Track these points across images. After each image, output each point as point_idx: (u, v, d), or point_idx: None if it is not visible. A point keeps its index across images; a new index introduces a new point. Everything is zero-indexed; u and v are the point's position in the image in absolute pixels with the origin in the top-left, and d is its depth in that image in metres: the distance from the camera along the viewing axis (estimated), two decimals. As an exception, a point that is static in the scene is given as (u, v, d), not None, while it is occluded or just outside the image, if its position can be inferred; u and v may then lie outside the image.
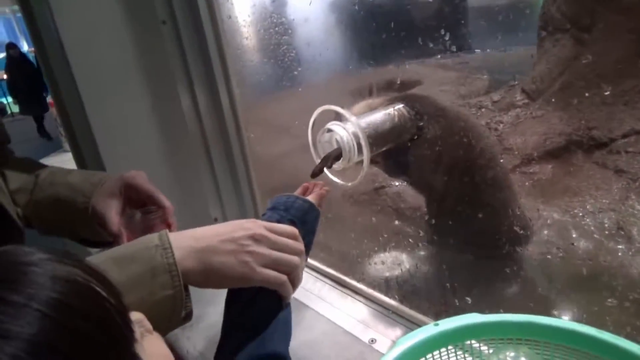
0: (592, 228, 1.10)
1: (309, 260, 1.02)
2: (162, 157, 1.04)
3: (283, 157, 1.04)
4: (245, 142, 1.04)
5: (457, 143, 0.83)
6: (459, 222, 0.73)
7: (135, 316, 0.50)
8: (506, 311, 0.63)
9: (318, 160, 0.86)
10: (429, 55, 0.82)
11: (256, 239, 0.60)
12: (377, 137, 0.82)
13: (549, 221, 1.09)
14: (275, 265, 0.61)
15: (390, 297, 0.83)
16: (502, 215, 0.79)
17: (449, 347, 0.57)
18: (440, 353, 0.57)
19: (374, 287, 0.86)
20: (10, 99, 10.12)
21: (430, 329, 0.57)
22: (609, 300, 0.72)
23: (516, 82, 1.41)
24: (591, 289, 0.78)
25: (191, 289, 0.67)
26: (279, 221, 0.75)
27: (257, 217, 1.12)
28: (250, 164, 1.06)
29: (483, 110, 1.45)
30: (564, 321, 0.53)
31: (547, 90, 1.39)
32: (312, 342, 0.79)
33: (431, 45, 0.77)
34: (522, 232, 0.76)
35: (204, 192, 1.10)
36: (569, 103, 1.33)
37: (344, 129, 0.79)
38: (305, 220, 0.75)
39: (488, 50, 0.96)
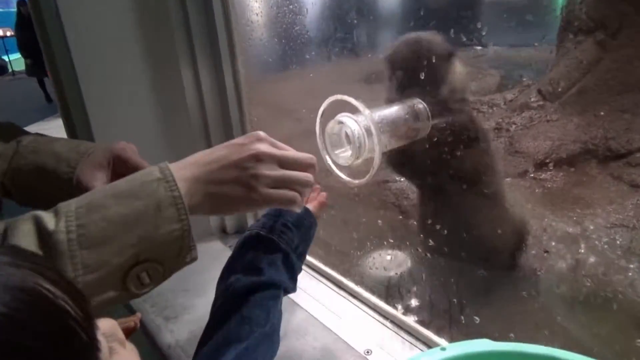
0: (603, 244, 1.06)
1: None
2: (158, 134, 0.98)
3: (286, 143, 0.98)
4: (247, 124, 0.98)
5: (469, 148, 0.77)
6: (461, 231, 0.68)
7: (107, 325, 0.44)
8: (514, 332, 0.59)
9: (325, 153, 0.81)
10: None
11: (260, 158, 0.57)
12: (390, 134, 0.76)
13: (558, 233, 1.05)
14: (285, 184, 0.58)
15: (390, 305, 0.78)
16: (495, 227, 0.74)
17: None
18: None
19: (373, 293, 0.81)
20: (11, 57, 10.01)
21: (437, 353, 0.52)
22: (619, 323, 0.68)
23: (531, 82, 1.36)
24: (602, 310, 0.73)
25: (177, 280, 0.62)
26: (271, 227, 0.71)
27: (254, 216, 1.07)
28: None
29: (495, 109, 1.39)
30: (585, 358, 0.48)
31: (565, 93, 1.34)
32: (302, 349, 0.74)
33: (449, 35, 0.71)
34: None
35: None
36: (587, 109, 1.27)
37: (356, 122, 0.73)
38: (299, 224, 0.71)
39: (502, 46, 0.91)
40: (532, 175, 1.32)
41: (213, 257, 1.02)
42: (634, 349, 0.55)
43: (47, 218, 0.52)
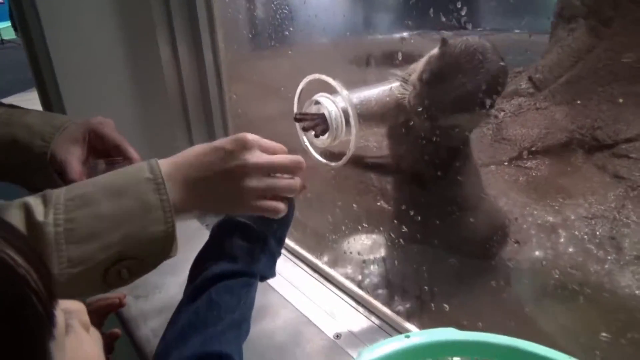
0: (583, 234, 1.05)
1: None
2: (134, 109, 0.96)
3: (265, 121, 0.95)
4: (226, 101, 0.95)
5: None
6: (434, 218, 0.67)
7: (74, 306, 0.43)
8: (482, 322, 0.58)
9: (302, 134, 0.79)
10: (434, 28, 0.75)
11: (247, 171, 0.57)
12: (369, 116, 0.75)
13: (539, 221, 1.04)
14: (272, 193, 0.60)
15: (363, 290, 0.77)
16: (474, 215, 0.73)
17: None
18: None
19: (347, 277, 0.80)
20: (1, 25, 9.78)
21: (400, 340, 0.51)
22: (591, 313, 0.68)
23: (522, 69, 1.34)
24: (570, 302, 0.73)
25: None
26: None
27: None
28: (229, 126, 0.98)
29: None
30: (551, 350, 0.48)
31: (555, 81, 1.32)
32: (272, 331, 0.74)
33: (443, 18, 0.68)
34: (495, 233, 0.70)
35: (178, 151, 1.02)
36: (576, 98, 1.26)
37: (333, 102, 0.71)
38: None
39: (496, 30, 0.89)
40: (517, 162, 1.32)
41: (189, 236, 1.01)
42: (598, 342, 0.55)
43: (37, 207, 0.52)
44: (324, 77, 0.71)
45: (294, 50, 0.80)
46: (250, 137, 0.59)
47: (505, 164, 1.28)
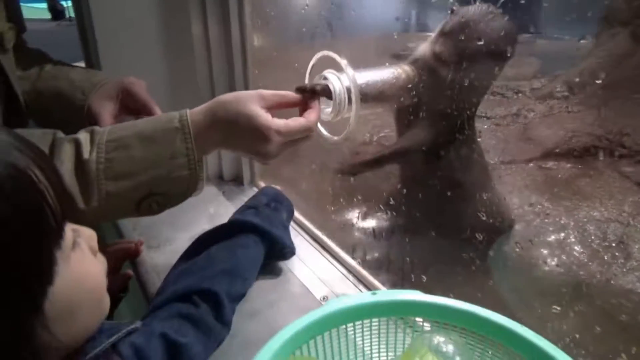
0: (593, 236, 1.05)
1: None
2: (164, 79, 1.03)
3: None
4: (249, 75, 1.01)
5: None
6: (429, 199, 0.70)
7: (87, 232, 0.50)
8: (453, 293, 0.61)
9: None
10: None
11: (269, 157, 0.66)
12: (372, 95, 0.78)
13: (548, 220, 1.05)
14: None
15: (354, 259, 0.81)
16: (470, 201, 0.75)
17: (382, 319, 0.55)
18: (371, 322, 0.55)
19: (342, 246, 0.85)
20: (69, 3, 10.23)
21: (367, 297, 0.55)
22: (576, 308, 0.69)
23: (561, 72, 1.32)
24: (563, 296, 0.74)
25: (166, 215, 0.70)
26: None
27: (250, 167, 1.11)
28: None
29: (520, 95, 1.38)
30: (505, 319, 0.51)
31: (591, 85, 1.30)
32: (266, 288, 0.79)
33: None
34: (493, 222, 0.72)
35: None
36: (608, 103, 1.24)
37: (339, 79, 0.75)
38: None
39: (550, 35, 0.90)
40: (538, 163, 1.31)
41: (205, 200, 1.08)
42: (550, 315, 0.56)
43: (85, 145, 0.61)
44: (331, 54, 0.75)
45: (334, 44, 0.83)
46: (276, 127, 0.64)
47: (527, 163, 1.28)
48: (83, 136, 0.62)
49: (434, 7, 0.73)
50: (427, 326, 0.55)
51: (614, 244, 1.03)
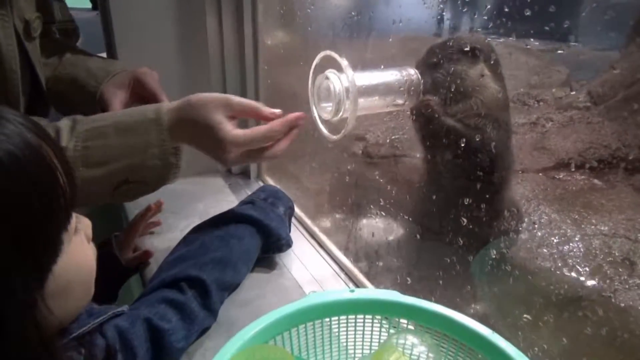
0: (597, 250, 1.03)
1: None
2: (179, 70, 1.06)
3: (289, 90, 1.02)
4: (260, 71, 1.03)
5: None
6: (420, 199, 0.70)
7: (84, 221, 0.53)
8: (434, 296, 0.62)
9: (313, 106, 0.85)
10: (516, 35, 0.75)
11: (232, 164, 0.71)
12: (372, 98, 0.79)
13: (549, 229, 1.03)
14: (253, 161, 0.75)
15: (347, 257, 0.82)
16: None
17: (358, 316, 0.56)
18: (347, 318, 0.57)
19: (336, 244, 0.86)
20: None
21: (345, 293, 0.56)
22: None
23: (586, 82, 1.30)
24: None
25: (171, 203, 0.72)
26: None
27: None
28: (261, 95, 1.06)
29: (541, 104, 1.36)
30: (478, 324, 0.51)
31: (614, 97, 1.28)
32: (257, 280, 0.81)
33: (526, 25, 0.68)
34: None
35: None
36: (630, 116, 1.21)
37: (339, 79, 0.76)
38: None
39: (582, 44, 0.88)
40: (550, 173, 1.29)
41: (212, 191, 1.11)
42: (521, 323, 0.56)
43: (65, 132, 0.65)
44: (333, 54, 0.76)
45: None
46: (235, 141, 0.68)
47: (539, 173, 1.26)
48: (64, 124, 0.65)
49: (432, 11, 0.73)
50: (403, 326, 0.55)
51: (619, 260, 1.01)
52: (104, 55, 1.09)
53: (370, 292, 0.56)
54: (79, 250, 0.50)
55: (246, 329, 0.50)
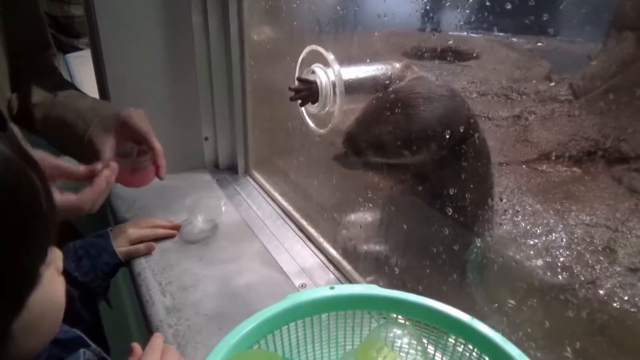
0: (579, 239, 1.05)
1: (279, 197, 1.03)
2: (165, 67, 1.05)
3: (275, 86, 1.02)
4: (246, 66, 1.03)
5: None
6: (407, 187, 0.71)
7: (55, 253, 0.51)
8: (422, 285, 0.63)
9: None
10: (498, 29, 0.75)
11: None
12: (358, 90, 0.80)
13: (533, 219, 1.05)
14: None
15: (335, 249, 0.84)
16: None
17: (340, 312, 0.56)
18: (329, 316, 0.56)
19: (324, 236, 0.87)
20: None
21: (325, 291, 0.56)
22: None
23: (567, 76, 1.32)
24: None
25: (160, 200, 0.71)
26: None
27: (245, 140, 1.13)
28: (247, 90, 1.06)
29: (524, 97, 1.38)
30: (460, 312, 0.52)
31: (594, 90, 1.30)
32: (247, 272, 0.82)
33: (507, 19, 0.68)
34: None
35: (200, 110, 1.12)
36: (609, 108, 1.23)
37: (325, 73, 0.77)
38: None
39: (563, 38, 0.89)
40: (533, 165, 1.32)
41: (199, 186, 1.11)
42: (506, 310, 0.58)
43: None
44: (319, 48, 0.77)
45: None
46: None
47: (522, 165, 1.29)
48: None
49: (416, 5, 0.74)
50: (386, 318, 0.56)
51: (600, 248, 1.04)
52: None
53: (350, 288, 0.56)
54: (51, 283, 0.47)
55: (228, 336, 0.48)
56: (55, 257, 0.49)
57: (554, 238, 1.02)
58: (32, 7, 0.93)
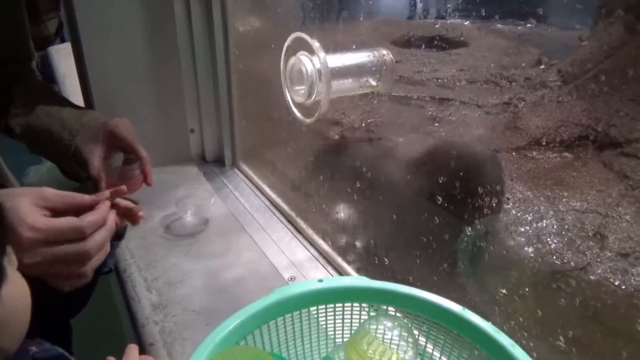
0: (570, 226, 1.05)
1: (267, 190, 1.01)
2: (147, 58, 1.03)
3: (260, 75, 1.00)
4: (230, 56, 1.01)
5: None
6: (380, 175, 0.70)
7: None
8: (412, 275, 0.62)
9: (286, 90, 0.84)
10: (485, 17, 0.74)
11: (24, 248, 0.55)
12: (345, 78, 0.78)
13: (524, 206, 1.05)
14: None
15: (325, 242, 0.82)
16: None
17: (329, 305, 0.55)
18: (317, 309, 0.56)
19: (314, 228, 0.86)
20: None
21: (313, 284, 0.55)
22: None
23: (557, 62, 1.32)
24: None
25: (146, 194, 0.67)
26: None
27: (232, 132, 1.11)
28: (233, 80, 1.04)
29: (513, 84, 1.37)
30: (451, 302, 0.51)
31: (583, 75, 1.29)
32: (235, 265, 0.81)
33: (496, 5, 0.67)
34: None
35: (185, 102, 1.09)
36: (598, 94, 1.23)
37: (311, 61, 0.75)
38: None
39: (552, 24, 0.88)
40: (523, 152, 1.31)
41: (186, 179, 1.09)
42: (496, 300, 0.57)
43: None
44: (304, 36, 0.75)
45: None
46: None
47: (512, 152, 1.28)
48: None
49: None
50: (376, 310, 0.55)
51: (590, 234, 1.04)
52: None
53: (339, 280, 0.55)
54: (15, 276, 0.47)
55: (212, 334, 0.47)
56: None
57: (544, 225, 1.01)
58: (16, 20, 0.92)
